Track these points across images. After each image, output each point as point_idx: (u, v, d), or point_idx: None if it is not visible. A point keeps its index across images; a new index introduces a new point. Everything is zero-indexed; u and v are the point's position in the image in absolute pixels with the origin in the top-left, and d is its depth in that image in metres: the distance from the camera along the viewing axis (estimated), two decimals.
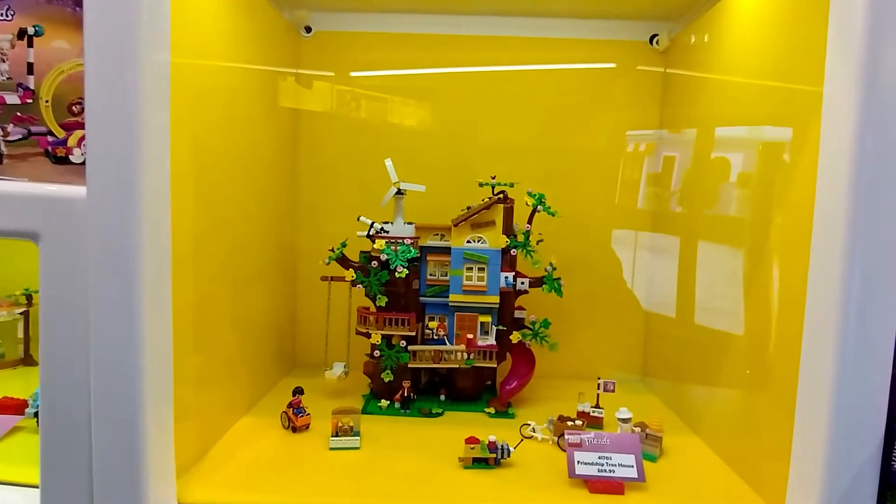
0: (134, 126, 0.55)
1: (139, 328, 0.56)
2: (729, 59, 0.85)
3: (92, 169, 0.55)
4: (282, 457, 0.77)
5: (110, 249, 0.55)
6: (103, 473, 0.58)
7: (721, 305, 0.86)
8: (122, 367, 0.56)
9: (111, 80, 0.55)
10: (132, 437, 0.57)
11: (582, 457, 0.72)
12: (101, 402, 0.57)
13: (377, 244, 0.92)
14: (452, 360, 0.94)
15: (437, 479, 0.72)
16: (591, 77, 1.12)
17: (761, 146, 0.76)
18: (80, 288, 0.58)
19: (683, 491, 0.71)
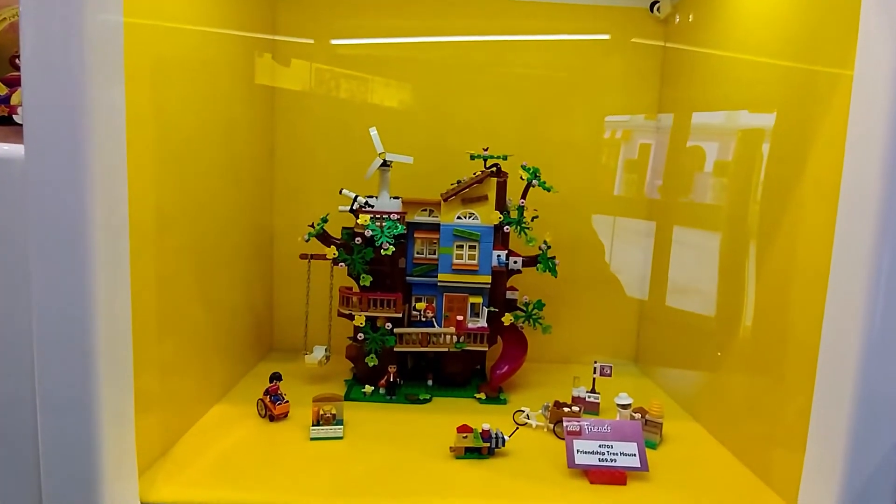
0: (76, 85, 0.47)
1: (90, 306, 0.49)
2: (743, 32, 0.80)
3: (30, 130, 0.47)
4: (258, 448, 0.71)
5: (52, 217, 0.48)
6: (53, 473, 0.51)
7: (723, 290, 0.82)
8: (70, 351, 0.49)
9: (49, 34, 0.47)
10: (85, 430, 0.50)
11: (581, 445, 0.67)
12: (48, 392, 0.50)
13: (361, 219, 0.85)
14: (441, 344, 0.88)
15: (426, 470, 0.67)
16: (583, 49, 1.06)
17: (771, 132, 0.71)
18: (19, 257, 0.50)
19: (689, 481, 0.67)
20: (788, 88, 0.68)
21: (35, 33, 0.48)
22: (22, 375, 0.51)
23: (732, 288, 0.78)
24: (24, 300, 0.50)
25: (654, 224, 1.06)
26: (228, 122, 0.86)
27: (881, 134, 0.49)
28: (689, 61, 0.95)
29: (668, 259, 0.99)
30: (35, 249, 0.48)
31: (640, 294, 1.09)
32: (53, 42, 0.48)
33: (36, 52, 0.48)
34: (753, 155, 0.75)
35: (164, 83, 0.65)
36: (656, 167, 1.06)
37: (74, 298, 0.49)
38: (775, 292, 0.67)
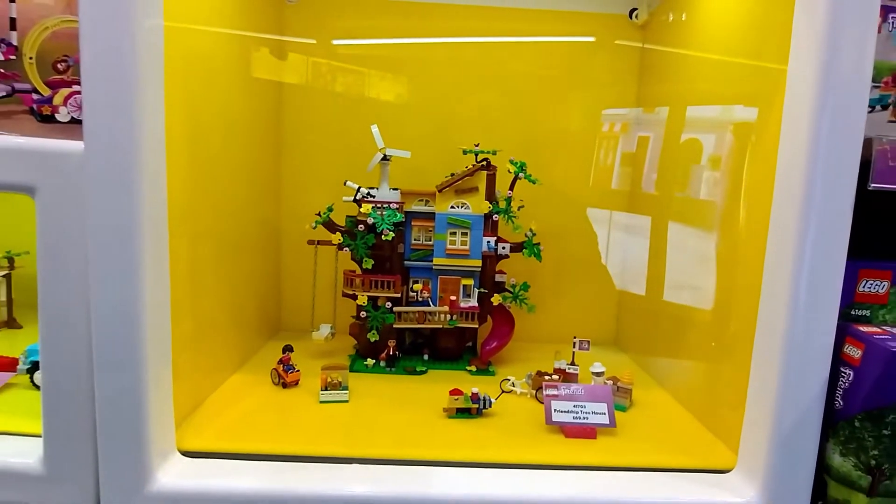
0: (130, 87, 0.56)
1: (140, 283, 0.58)
2: (704, 36, 0.89)
3: (89, 125, 0.56)
4: (273, 409, 0.81)
5: (108, 205, 0.57)
6: (106, 423, 0.60)
7: (688, 281, 0.92)
8: (123, 321, 0.58)
9: (106, 42, 0.55)
10: (135, 389, 0.59)
11: (558, 405, 0.77)
12: (104, 356, 0.59)
13: (364, 208, 0.94)
14: (436, 321, 0.98)
15: (423, 427, 0.77)
16: (571, 50, 1.15)
17: (733, 126, 0.80)
18: (77, 242, 0.59)
19: (652, 435, 0.77)
20: (742, 84, 0.77)
21: (92, 38, 0.55)
22: (80, 341, 0.60)
23: (697, 277, 0.88)
24: (82, 278, 0.59)
25: (630, 214, 1.15)
26: (241, 117, 0.94)
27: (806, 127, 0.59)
28: (663, 60, 1.04)
29: (642, 248, 1.09)
30: (92, 231, 0.57)
31: (619, 281, 1.19)
32: (108, 45, 0.55)
33: (93, 55, 0.55)
34: (720, 147, 0.85)
35: (190, 79, 0.73)
36: (634, 160, 1.15)
37: (125, 277, 0.58)
38: (728, 283, 0.77)
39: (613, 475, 0.67)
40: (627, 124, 1.16)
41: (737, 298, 0.74)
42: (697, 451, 0.73)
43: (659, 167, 1.05)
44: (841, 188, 0.59)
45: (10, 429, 0.68)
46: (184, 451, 0.67)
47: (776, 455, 0.62)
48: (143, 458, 0.61)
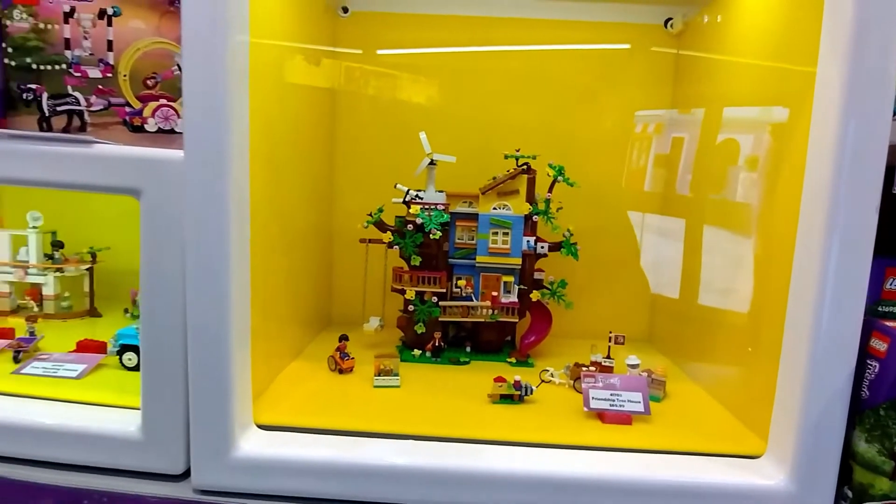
0: (224, 98, 0.64)
1: (228, 273, 0.66)
2: (739, 41, 0.93)
3: (189, 136, 0.64)
4: (332, 391, 0.88)
5: (203, 205, 0.65)
6: (198, 399, 0.69)
7: (720, 279, 0.96)
8: (214, 308, 0.67)
9: (205, 58, 0.63)
10: (223, 368, 0.68)
11: (596, 393, 0.83)
12: (197, 339, 0.67)
13: (413, 209, 1.02)
14: (478, 315, 1.04)
15: (469, 411, 0.83)
16: (606, 58, 1.20)
17: (766, 127, 0.85)
18: (175, 237, 0.68)
19: (683, 423, 0.82)
20: (776, 87, 0.81)
21: (192, 55, 0.63)
22: (176, 325, 0.69)
23: (729, 275, 0.92)
24: (179, 269, 0.67)
25: (664, 215, 1.20)
26: (302, 123, 1.03)
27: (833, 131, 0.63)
28: (698, 65, 1.08)
29: (676, 249, 1.13)
30: (189, 228, 0.66)
31: (652, 280, 1.23)
32: (205, 61, 0.63)
33: (193, 71, 0.63)
34: (755, 148, 0.89)
35: (263, 93, 0.81)
36: (668, 162, 1.20)
37: (217, 268, 0.66)
38: (759, 281, 0.81)
39: (649, 457, 0.72)
40: (661, 127, 1.20)
41: (767, 296, 0.79)
42: (728, 438, 0.78)
43: (693, 169, 1.10)
44: (867, 188, 0.63)
45: (106, 402, 0.78)
46: (259, 425, 0.75)
47: (805, 442, 0.66)
48: (228, 429, 0.69)
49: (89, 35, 0.84)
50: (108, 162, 0.67)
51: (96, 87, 0.85)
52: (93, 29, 0.84)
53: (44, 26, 0.83)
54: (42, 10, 0.83)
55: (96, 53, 0.85)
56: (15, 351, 0.89)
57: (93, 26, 0.84)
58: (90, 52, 0.84)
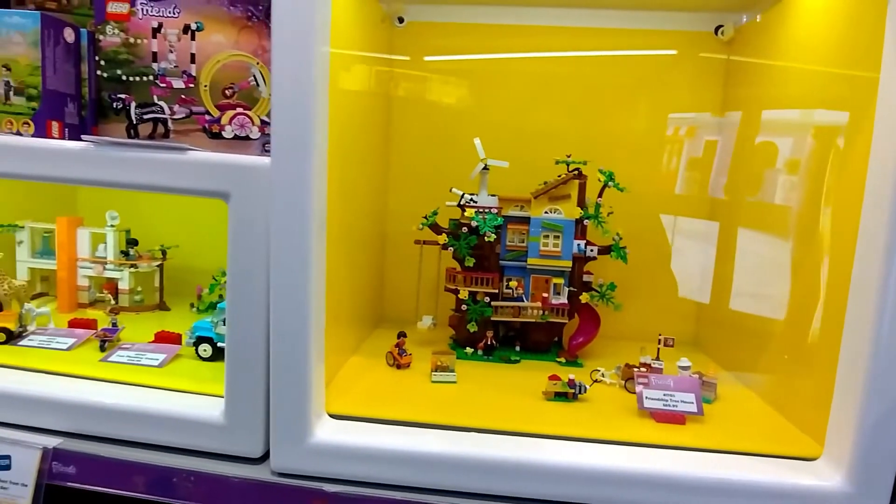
0: (310, 107, 0.69)
1: (309, 272, 0.71)
2: (797, 48, 0.94)
3: (277, 144, 0.70)
4: (394, 385, 0.93)
5: (288, 209, 0.70)
6: (279, 388, 0.74)
7: (770, 283, 0.97)
8: (295, 303, 0.72)
9: (293, 69, 0.68)
10: (302, 359, 0.73)
11: (649, 393, 0.85)
12: (279, 331, 0.73)
13: (467, 213, 1.06)
14: (529, 316, 1.08)
15: (525, 407, 0.87)
16: (654, 64, 1.22)
17: (823, 132, 0.86)
18: (260, 237, 0.73)
19: (737, 424, 0.84)
20: (845, 91, 0.81)
21: (281, 66, 0.68)
22: (259, 318, 0.74)
23: (779, 279, 0.93)
24: (263, 266, 0.73)
25: (712, 219, 1.21)
26: (362, 128, 1.08)
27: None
28: (751, 71, 1.09)
29: (724, 253, 1.14)
30: (275, 229, 0.71)
31: (699, 284, 1.24)
32: (294, 71, 0.68)
33: (282, 79, 0.68)
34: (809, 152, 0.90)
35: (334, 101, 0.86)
36: (719, 166, 1.21)
37: (299, 266, 0.71)
38: (812, 286, 0.83)
39: (704, 455, 0.75)
40: (710, 133, 1.21)
41: (823, 301, 0.80)
42: (783, 440, 0.80)
43: (741, 173, 1.11)
44: None
45: (185, 389, 0.84)
46: (329, 414, 0.80)
47: (862, 444, 0.68)
48: (306, 416, 0.74)
49: (174, 49, 0.90)
50: (201, 167, 0.73)
51: (179, 96, 0.92)
52: (178, 43, 0.90)
53: (134, 41, 0.89)
54: (132, 26, 0.89)
55: (180, 66, 0.91)
56: (101, 340, 0.96)
57: (178, 40, 0.90)
58: (175, 64, 0.91)
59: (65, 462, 0.78)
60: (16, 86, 0.84)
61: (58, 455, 0.78)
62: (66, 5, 0.99)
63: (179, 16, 0.89)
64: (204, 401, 0.81)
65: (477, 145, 1.07)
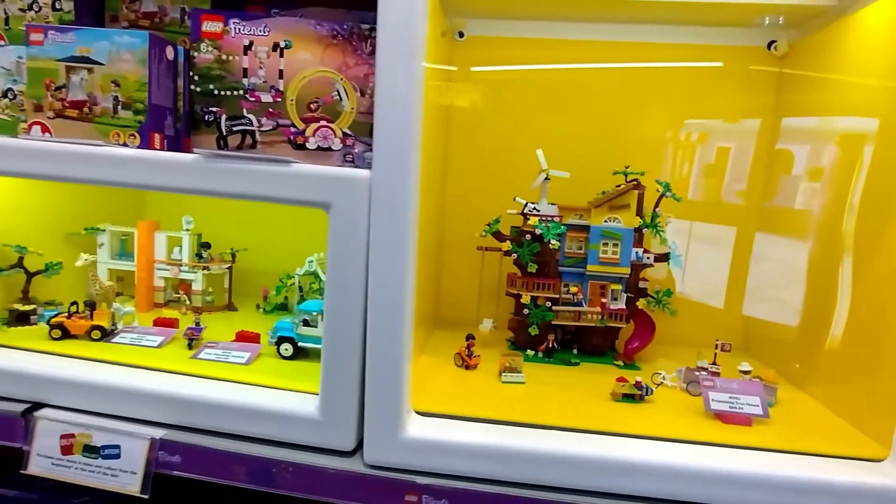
0: (411, 120, 0.74)
1: (405, 277, 0.76)
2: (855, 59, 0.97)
3: (378, 155, 0.75)
4: (466, 385, 0.98)
5: (387, 218, 0.76)
6: (374, 386, 0.79)
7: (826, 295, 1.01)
8: (392, 306, 0.77)
9: (397, 86, 0.73)
10: (397, 359, 0.78)
11: (715, 396, 0.89)
12: (376, 333, 0.78)
13: (531, 221, 1.10)
14: (588, 320, 1.12)
15: (595, 407, 0.91)
16: (704, 78, 1.26)
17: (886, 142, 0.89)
18: (359, 244, 0.78)
19: (802, 426, 0.88)
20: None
21: (385, 83, 0.73)
22: (356, 321, 0.79)
23: (827, 288, 0.97)
24: (360, 271, 0.78)
25: (763, 224, 1.25)
26: (430, 139, 1.12)
27: None
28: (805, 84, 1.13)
29: (775, 261, 1.18)
30: (374, 237, 0.76)
31: (751, 291, 1.28)
32: (398, 85, 0.73)
33: (386, 95, 0.73)
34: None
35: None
36: (769, 177, 1.24)
37: (396, 272, 0.76)
38: (871, 291, 0.86)
39: (773, 455, 0.79)
40: (762, 145, 1.25)
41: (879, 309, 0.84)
42: (848, 442, 0.83)
43: (797, 183, 1.15)
44: None
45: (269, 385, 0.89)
46: (415, 411, 0.85)
47: None
48: (399, 413, 0.79)
49: (264, 65, 0.96)
50: (305, 179, 0.79)
51: (267, 109, 0.97)
52: (267, 60, 0.96)
53: (226, 57, 0.95)
54: (225, 44, 0.95)
55: (269, 81, 0.96)
56: (189, 339, 1.02)
57: (267, 57, 0.96)
58: (264, 79, 0.96)
59: (170, 452, 0.84)
60: (123, 100, 0.90)
61: (164, 445, 0.84)
62: (157, 23, 1.05)
63: (269, 34, 0.95)
64: (298, 397, 0.86)
65: (540, 156, 1.12)
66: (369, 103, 0.97)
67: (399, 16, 0.73)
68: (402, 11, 0.72)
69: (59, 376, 0.90)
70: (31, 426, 0.87)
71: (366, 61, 0.96)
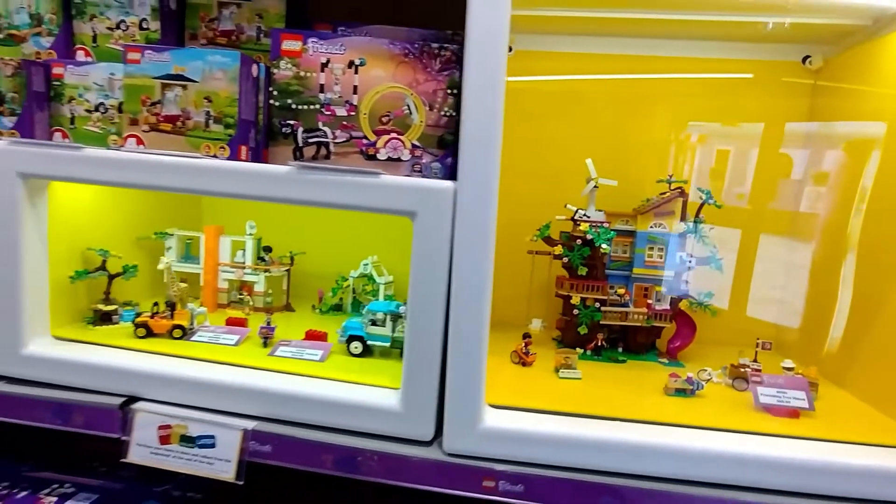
0: (494, 133, 0.81)
1: (487, 283, 0.83)
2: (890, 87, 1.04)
3: (464, 166, 0.82)
4: (526, 380, 1.05)
5: (471, 227, 0.82)
6: (455, 381, 0.86)
7: (863, 294, 1.08)
8: (474, 309, 0.84)
9: (482, 101, 0.80)
10: (477, 356, 0.85)
11: (763, 390, 0.96)
12: (458, 332, 0.84)
13: (582, 226, 1.17)
14: (634, 320, 1.19)
15: (650, 401, 0.98)
16: (739, 90, 1.33)
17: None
18: (441, 251, 0.85)
19: (845, 419, 0.95)
20: None
21: (473, 98, 0.80)
22: (437, 321, 0.86)
23: (872, 286, 1.03)
24: (442, 275, 0.84)
25: (796, 227, 1.31)
26: None
27: None
28: (841, 97, 1.20)
29: (809, 262, 1.24)
30: (458, 244, 0.83)
31: (784, 291, 1.35)
32: (483, 101, 0.80)
33: (474, 108, 0.79)
34: None
35: None
36: (800, 184, 1.31)
37: (479, 277, 0.83)
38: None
39: (822, 444, 0.85)
40: (798, 155, 1.32)
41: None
42: (890, 432, 0.90)
43: (829, 189, 1.22)
44: None
45: (362, 380, 0.96)
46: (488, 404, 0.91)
47: None
48: (477, 405, 0.86)
49: (339, 81, 1.02)
50: (392, 190, 0.85)
51: (341, 123, 1.04)
52: (342, 76, 1.02)
53: (304, 74, 1.02)
54: (303, 62, 1.02)
55: (343, 96, 1.03)
56: (263, 337, 1.09)
57: (342, 74, 1.02)
58: (339, 94, 1.03)
59: (261, 442, 0.91)
60: (215, 115, 0.96)
61: (255, 436, 0.90)
62: (234, 41, 1.12)
63: (345, 52, 1.02)
64: (378, 391, 0.93)
65: (589, 165, 1.19)
66: (437, 117, 1.04)
67: (485, 36, 0.79)
68: (489, 32, 0.79)
69: (152, 371, 0.96)
70: (130, 418, 0.93)
71: (434, 78, 1.03)
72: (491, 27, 0.79)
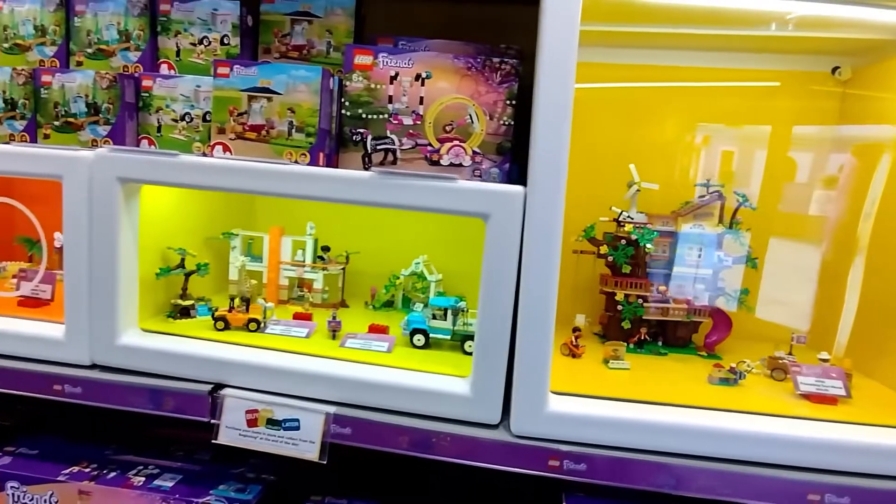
0: (563, 141, 0.89)
1: (554, 281, 0.91)
2: None
3: (534, 171, 0.89)
4: (579, 370, 1.12)
5: (540, 229, 0.90)
6: (523, 369, 0.94)
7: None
8: (542, 306, 0.91)
9: (553, 111, 0.88)
10: (544, 346, 0.93)
11: (803, 379, 1.04)
12: (527, 328, 0.92)
13: (627, 227, 1.25)
14: (675, 315, 1.27)
15: (696, 389, 1.06)
16: (770, 98, 1.40)
17: None
18: (511, 250, 0.92)
19: (881, 405, 1.02)
20: None
21: (544, 106, 0.88)
22: (505, 314, 0.93)
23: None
24: (511, 272, 0.92)
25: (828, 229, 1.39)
26: None
27: None
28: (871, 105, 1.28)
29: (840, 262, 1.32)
30: (529, 245, 0.91)
31: (817, 288, 1.42)
32: (555, 110, 0.87)
33: (544, 117, 0.87)
34: None
35: None
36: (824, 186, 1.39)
37: (546, 276, 0.91)
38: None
39: (864, 427, 0.93)
40: (828, 160, 1.39)
41: None
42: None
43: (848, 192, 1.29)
44: None
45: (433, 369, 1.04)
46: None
47: None
48: (543, 391, 0.94)
49: (406, 93, 1.10)
50: (468, 194, 0.93)
51: (408, 131, 1.12)
52: (410, 88, 1.10)
53: (374, 86, 1.10)
54: (374, 75, 1.10)
55: (410, 106, 1.11)
56: (332, 330, 1.17)
57: (410, 86, 1.10)
58: (406, 105, 1.11)
59: (341, 425, 0.99)
60: (297, 124, 1.05)
61: (336, 419, 0.99)
62: (305, 55, 1.20)
63: (413, 66, 1.10)
64: (448, 378, 1.01)
65: (632, 170, 1.27)
66: (496, 126, 1.12)
67: (557, 50, 0.87)
68: (560, 46, 0.87)
69: (235, 360, 1.05)
70: (219, 403, 1.02)
71: (495, 89, 1.11)
72: (563, 43, 0.87)
